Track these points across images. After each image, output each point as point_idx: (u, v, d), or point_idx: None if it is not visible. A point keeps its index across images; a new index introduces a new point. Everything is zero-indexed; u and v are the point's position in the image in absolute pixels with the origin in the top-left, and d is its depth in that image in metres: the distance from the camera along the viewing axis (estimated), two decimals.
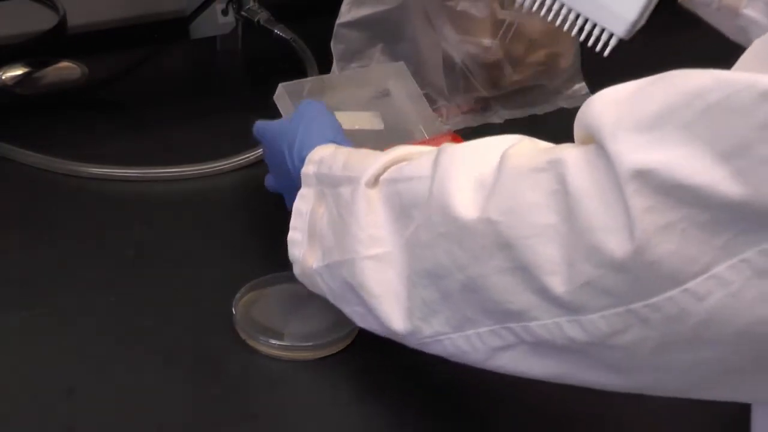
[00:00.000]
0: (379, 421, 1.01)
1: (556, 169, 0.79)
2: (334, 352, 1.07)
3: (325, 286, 0.98)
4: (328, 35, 1.36)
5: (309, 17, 1.52)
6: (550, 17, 1.14)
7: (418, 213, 0.88)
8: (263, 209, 1.26)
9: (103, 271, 1.15)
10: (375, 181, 0.93)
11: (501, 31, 1.40)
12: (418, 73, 1.40)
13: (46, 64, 1.48)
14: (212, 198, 1.28)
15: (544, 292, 0.79)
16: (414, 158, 0.92)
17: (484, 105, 1.46)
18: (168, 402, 1.00)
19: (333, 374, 1.05)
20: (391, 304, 0.91)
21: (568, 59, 1.49)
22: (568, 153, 0.79)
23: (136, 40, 1.50)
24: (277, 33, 1.47)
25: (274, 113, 1.39)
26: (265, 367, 1.05)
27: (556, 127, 1.48)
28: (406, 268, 0.89)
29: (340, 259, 0.95)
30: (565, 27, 1.13)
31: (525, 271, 0.79)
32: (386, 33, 1.37)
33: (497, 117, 1.45)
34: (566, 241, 0.77)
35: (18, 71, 1.47)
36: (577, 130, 0.82)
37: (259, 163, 1.33)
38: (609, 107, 0.77)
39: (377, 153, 0.97)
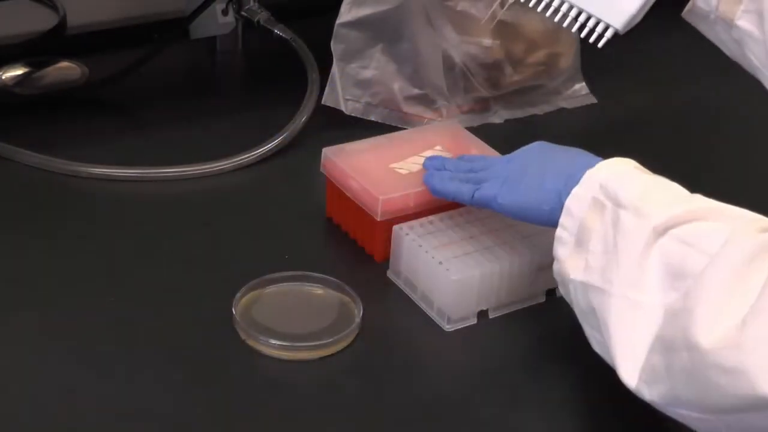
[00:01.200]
0: (379, 421, 1.01)
1: None
2: (334, 352, 1.07)
3: (574, 299, 0.98)
4: (328, 35, 1.36)
5: (309, 17, 1.52)
6: (540, 8, 1.15)
7: (689, 283, 0.87)
8: (263, 209, 1.26)
9: (103, 271, 1.15)
10: (664, 230, 0.92)
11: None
12: (418, 73, 1.40)
13: (46, 64, 1.48)
14: (212, 198, 1.28)
15: None
16: (710, 219, 0.91)
17: (484, 105, 1.46)
18: (168, 402, 1.00)
19: (333, 374, 1.05)
20: (625, 354, 0.90)
21: (568, 59, 1.49)
22: None
23: (136, 40, 1.50)
24: (277, 33, 1.47)
25: (272, 113, 1.40)
26: (265, 367, 1.05)
27: (556, 127, 1.49)
28: (655, 329, 0.89)
29: (598, 285, 0.94)
30: (556, 18, 1.14)
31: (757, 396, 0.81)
32: (386, 33, 1.37)
33: (497, 117, 1.45)
34: None
35: (18, 71, 1.47)
36: None
37: (259, 163, 1.33)
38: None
39: (675, 192, 0.96)
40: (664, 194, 0.96)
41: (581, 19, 1.14)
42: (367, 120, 1.39)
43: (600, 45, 1.13)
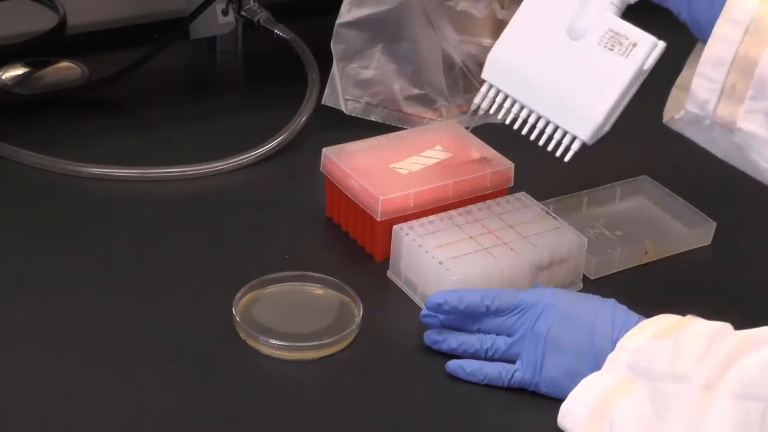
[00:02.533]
0: (379, 421, 1.01)
1: None
2: (334, 352, 1.07)
3: None
4: (328, 35, 1.36)
5: (309, 17, 1.52)
6: (510, 120, 1.09)
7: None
8: (263, 209, 1.26)
9: (103, 271, 1.15)
10: (713, 385, 0.88)
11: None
12: (418, 73, 1.40)
13: (46, 64, 1.48)
14: (212, 198, 1.28)
15: None
16: (747, 353, 0.88)
17: None
18: (168, 402, 1.00)
19: (333, 374, 1.05)
20: None
21: None
22: None
23: (136, 40, 1.51)
24: (277, 33, 1.47)
25: (272, 113, 1.40)
26: (265, 367, 1.05)
27: None
28: None
29: None
30: (523, 130, 1.08)
31: None
32: (386, 33, 1.37)
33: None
34: None
35: (18, 71, 1.47)
36: None
37: (259, 163, 1.33)
38: None
39: (705, 337, 0.92)
40: (693, 344, 0.92)
41: (548, 130, 1.06)
42: (367, 120, 1.39)
43: (567, 159, 1.05)
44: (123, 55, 1.45)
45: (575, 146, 1.05)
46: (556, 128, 1.06)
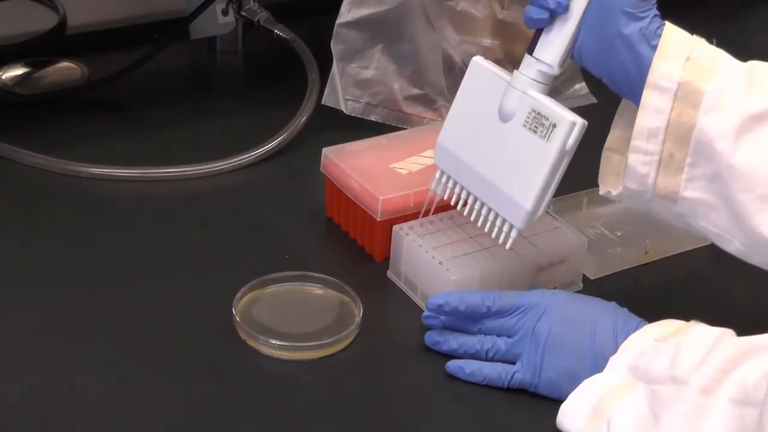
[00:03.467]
0: (378, 421, 1.01)
1: None
2: (334, 352, 1.07)
3: None
4: (328, 35, 1.36)
5: (309, 17, 1.52)
6: (460, 207, 1.09)
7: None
8: (263, 209, 1.26)
9: (103, 271, 1.15)
10: (711, 390, 0.88)
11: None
12: (418, 73, 1.40)
13: (46, 64, 1.48)
14: (212, 198, 1.28)
15: None
16: (747, 360, 0.88)
17: None
18: (168, 402, 1.00)
19: (333, 374, 1.05)
20: None
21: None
22: None
23: (136, 40, 1.51)
24: (277, 33, 1.47)
25: (272, 113, 1.40)
26: (265, 367, 1.05)
27: None
28: None
29: None
30: (471, 215, 1.08)
31: None
32: (386, 33, 1.37)
33: None
34: None
35: (18, 71, 1.47)
36: None
37: (259, 163, 1.33)
38: None
39: (706, 343, 0.92)
40: (692, 349, 0.92)
41: (491, 217, 1.06)
42: (367, 120, 1.39)
43: (508, 246, 1.06)
44: (123, 55, 1.45)
45: (513, 234, 1.05)
46: (497, 215, 1.06)
